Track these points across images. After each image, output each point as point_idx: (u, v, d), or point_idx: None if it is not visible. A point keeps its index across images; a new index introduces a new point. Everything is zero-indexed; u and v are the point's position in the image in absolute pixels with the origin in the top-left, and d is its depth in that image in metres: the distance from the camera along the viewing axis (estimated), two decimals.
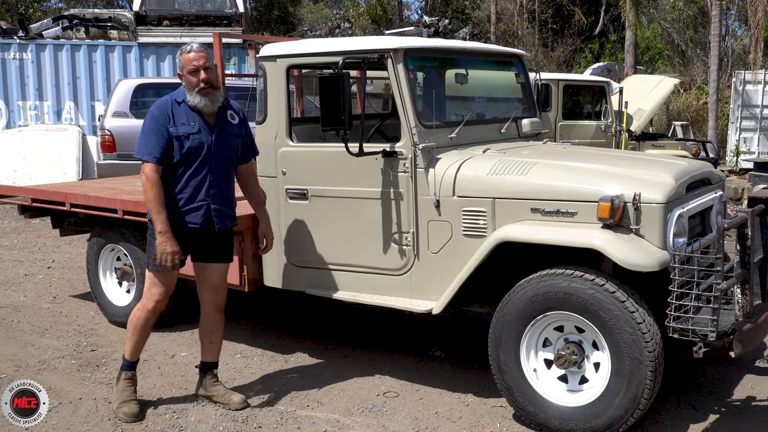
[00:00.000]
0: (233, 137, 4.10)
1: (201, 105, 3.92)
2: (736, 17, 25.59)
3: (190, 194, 3.98)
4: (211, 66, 3.94)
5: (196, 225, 4.01)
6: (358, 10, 27.92)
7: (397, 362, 4.90)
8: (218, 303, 4.25)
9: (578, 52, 25.65)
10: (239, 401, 4.25)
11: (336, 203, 4.49)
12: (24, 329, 5.77)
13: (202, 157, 3.96)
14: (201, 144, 3.95)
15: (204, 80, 3.88)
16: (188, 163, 3.95)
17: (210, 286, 4.21)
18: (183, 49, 3.97)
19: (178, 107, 3.96)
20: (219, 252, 4.17)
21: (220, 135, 4.02)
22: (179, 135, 3.91)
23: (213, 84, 3.92)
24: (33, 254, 8.53)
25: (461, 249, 4.09)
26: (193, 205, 3.99)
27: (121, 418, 4.09)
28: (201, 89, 3.89)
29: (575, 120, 10.85)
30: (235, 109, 4.15)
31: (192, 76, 3.89)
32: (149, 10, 14.48)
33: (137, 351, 4.23)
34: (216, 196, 4.03)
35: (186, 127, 3.92)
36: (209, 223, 4.04)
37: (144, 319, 4.15)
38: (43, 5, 28.74)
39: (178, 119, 3.92)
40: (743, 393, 4.36)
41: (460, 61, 5.02)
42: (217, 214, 4.05)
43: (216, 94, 3.95)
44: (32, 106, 13.85)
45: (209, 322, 4.27)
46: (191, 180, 3.97)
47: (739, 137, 15.32)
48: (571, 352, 3.76)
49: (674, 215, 3.69)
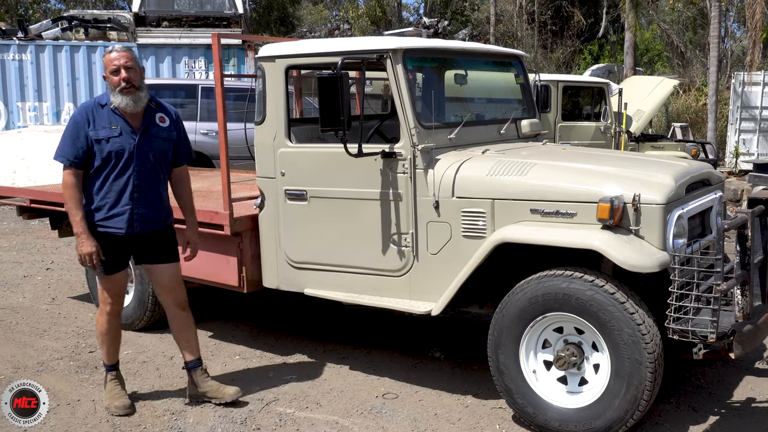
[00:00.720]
0: (160, 140, 4.03)
1: (123, 105, 3.89)
2: (735, 19, 25.61)
3: (114, 199, 3.95)
4: (133, 66, 3.92)
5: (120, 230, 3.97)
6: (358, 11, 27.93)
7: (397, 363, 4.89)
8: (179, 302, 4.27)
9: (577, 53, 25.68)
10: (233, 393, 4.30)
11: (335, 204, 4.48)
12: (22, 330, 5.76)
13: (124, 160, 3.91)
14: (122, 148, 3.91)
15: (125, 79, 3.85)
16: (111, 167, 3.92)
17: (164, 288, 4.22)
18: (106, 49, 4.02)
19: (100, 110, 3.94)
20: (161, 253, 4.16)
21: (144, 138, 3.97)
22: (99, 138, 3.88)
23: (134, 84, 3.89)
24: (32, 255, 8.52)
25: (460, 250, 4.08)
26: (117, 210, 3.95)
27: (114, 412, 4.17)
28: (122, 89, 3.87)
29: (575, 121, 10.85)
30: (167, 112, 4.11)
31: (113, 76, 3.88)
32: (148, 11, 14.49)
33: (113, 354, 4.28)
34: (140, 200, 3.98)
35: (107, 130, 3.90)
36: (132, 229, 3.99)
37: (107, 323, 4.19)
38: (43, 6, 28.72)
39: (98, 123, 3.91)
40: (743, 394, 4.35)
41: (460, 61, 5.01)
42: (140, 219, 4.00)
43: (138, 94, 3.91)
44: (31, 107, 13.86)
45: (177, 321, 4.31)
46: (114, 184, 3.93)
47: (738, 138, 15.33)
48: (571, 353, 3.75)
49: (674, 216, 3.69)
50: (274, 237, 4.74)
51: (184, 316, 4.31)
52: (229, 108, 5.03)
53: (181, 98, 10.93)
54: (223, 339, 5.48)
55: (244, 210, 4.90)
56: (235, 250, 4.83)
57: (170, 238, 4.24)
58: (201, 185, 6.45)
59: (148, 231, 4.07)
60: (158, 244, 4.15)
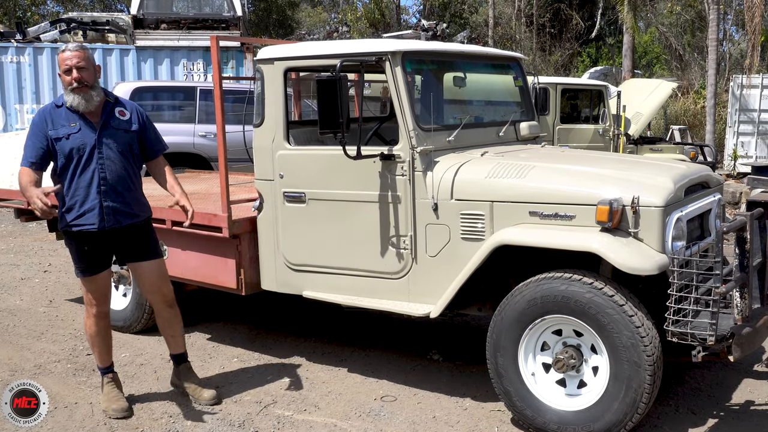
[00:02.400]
0: (122, 132, 4.03)
1: (75, 104, 3.91)
2: (733, 21, 25.66)
3: (83, 195, 3.95)
4: (86, 66, 3.92)
5: (92, 226, 3.95)
6: (356, 14, 27.95)
7: (395, 366, 4.89)
8: (166, 299, 4.28)
9: (576, 56, 25.71)
10: (209, 397, 4.33)
11: (334, 206, 4.47)
12: (20, 333, 5.74)
13: (87, 155, 3.92)
14: (83, 143, 3.92)
15: (76, 79, 3.87)
16: (74, 163, 3.92)
17: (150, 285, 4.23)
18: (60, 48, 4.01)
19: (57, 111, 3.97)
20: (142, 249, 4.16)
21: (104, 131, 3.97)
22: (59, 137, 3.90)
23: (86, 83, 3.90)
24: (29, 258, 8.51)
25: (459, 252, 4.08)
26: (87, 206, 3.95)
27: (111, 415, 4.16)
28: (74, 88, 3.88)
29: (573, 124, 10.85)
30: (126, 106, 4.12)
31: (66, 75, 3.91)
32: (147, 13, 14.48)
33: (105, 356, 4.28)
34: (108, 192, 3.96)
35: (66, 128, 3.92)
36: (104, 223, 3.97)
37: (94, 325, 4.20)
38: (41, 9, 28.73)
39: (57, 122, 3.93)
40: (742, 397, 4.35)
41: (458, 64, 5.01)
42: (111, 212, 3.97)
43: (90, 93, 3.92)
44: (29, 109, 13.83)
45: (164, 318, 4.34)
46: (80, 180, 3.94)
47: (736, 141, 15.34)
48: (570, 356, 3.75)
49: (673, 219, 3.68)
50: (272, 239, 4.73)
51: (172, 313, 4.33)
52: (228, 110, 5.03)
53: (180, 100, 10.91)
54: (221, 341, 5.47)
55: (243, 212, 4.90)
56: (233, 253, 4.83)
57: (149, 234, 4.22)
58: (199, 187, 6.44)
59: (122, 225, 4.03)
60: (137, 241, 4.13)
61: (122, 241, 4.09)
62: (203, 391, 4.37)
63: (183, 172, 8.18)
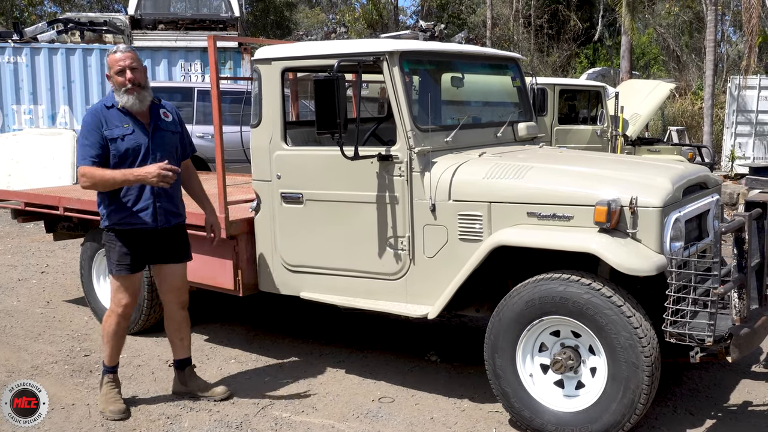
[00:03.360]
0: (169, 134, 4.14)
1: (129, 104, 3.96)
2: (731, 23, 25.70)
3: (135, 195, 4.01)
4: (138, 66, 3.99)
5: (145, 225, 4.04)
6: (354, 14, 27.95)
7: (393, 367, 4.88)
8: (182, 302, 4.33)
9: (574, 57, 25.72)
10: (222, 392, 4.37)
11: (331, 207, 4.46)
12: (17, 334, 5.73)
13: (141, 156, 3.99)
14: (138, 144, 3.99)
15: (130, 80, 3.93)
16: (128, 164, 3.97)
17: (171, 287, 4.27)
18: (109, 50, 4.04)
19: (108, 111, 4.00)
20: (174, 252, 4.21)
21: (156, 133, 4.07)
22: (114, 137, 3.95)
23: (140, 83, 3.97)
24: (26, 259, 8.49)
25: (457, 253, 4.07)
26: (141, 205, 4.02)
27: (108, 416, 4.15)
28: (128, 89, 3.94)
29: (571, 125, 10.85)
30: (167, 108, 4.20)
31: (119, 76, 3.95)
32: (144, 14, 14.47)
33: (115, 356, 4.28)
34: (160, 194, 4.06)
35: (120, 129, 3.97)
36: (157, 222, 4.07)
37: (116, 324, 4.19)
38: (38, 9, 28.70)
39: (111, 122, 3.96)
40: (740, 398, 4.35)
41: (456, 64, 5.01)
42: (163, 212, 4.08)
43: (143, 93, 3.99)
44: (27, 110, 13.81)
45: (176, 321, 4.36)
46: None
47: (734, 142, 15.35)
48: (568, 357, 3.74)
49: (671, 219, 3.68)
50: (270, 240, 4.72)
51: (184, 316, 4.37)
52: (225, 111, 5.03)
53: (177, 101, 10.89)
54: (219, 342, 5.46)
55: (240, 213, 4.89)
56: (230, 254, 4.82)
57: (185, 236, 4.32)
58: None
59: (171, 225, 4.14)
60: (177, 242, 4.22)
61: (164, 242, 4.14)
62: (215, 388, 4.41)
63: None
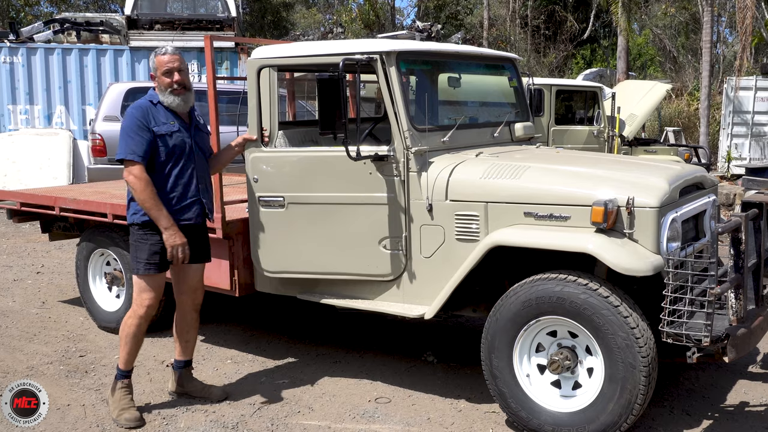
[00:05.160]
0: (206, 135, 4.29)
1: (174, 105, 4.04)
2: (727, 24, 25.74)
3: (181, 192, 4.07)
4: (184, 68, 4.07)
5: (190, 221, 4.11)
6: (351, 15, 27.93)
7: (390, 367, 4.87)
8: (197, 303, 4.35)
9: (570, 57, 25.75)
10: (219, 394, 4.38)
11: (320, 210, 4.38)
12: (12, 335, 5.71)
13: (186, 154, 4.08)
14: (183, 141, 4.07)
15: (177, 82, 4.02)
16: (174, 160, 4.04)
17: (190, 287, 4.28)
18: (158, 51, 4.09)
19: (155, 108, 4.05)
20: (199, 251, 4.23)
21: (196, 133, 4.19)
22: (162, 133, 4.00)
23: (186, 85, 4.06)
24: (22, 259, 8.47)
25: (454, 253, 4.06)
26: (186, 201, 4.09)
27: (123, 424, 4.07)
28: (174, 90, 4.02)
29: (568, 125, 10.86)
30: (197, 110, 4.28)
31: (166, 77, 4.02)
32: (141, 14, 14.44)
33: (131, 359, 4.22)
34: (204, 191, 4.17)
35: (167, 125, 4.03)
36: (202, 218, 4.17)
37: (136, 326, 4.15)
38: (35, 9, 28.63)
39: (158, 119, 4.02)
40: (736, 398, 4.35)
41: (453, 64, 5.00)
42: (205, 208, 4.19)
43: (188, 95, 4.08)
44: (23, 110, 13.77)
45: (187, 322, 4.36)
46: (180, 177, 4.07)
47: (730, 143, 15.38)
48: (565, 357, 3.74)
49: (668, 219, 3.68)
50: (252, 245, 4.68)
51: (195, 318, 4.38)
52: (222, 111, 5.00)
53: None
54: (215, 342, 5.45)
55: (237, 213, 4.88)
56: (227, 254, 4.80)
57: (208, 237, 4.37)
58: None
59: (209, 220, 4.30)
60: (204, 240, 4.28)
61: (193, 240, 4.15)
62: (212, 388, 4.43)
63: None
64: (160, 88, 4.05)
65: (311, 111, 9.58)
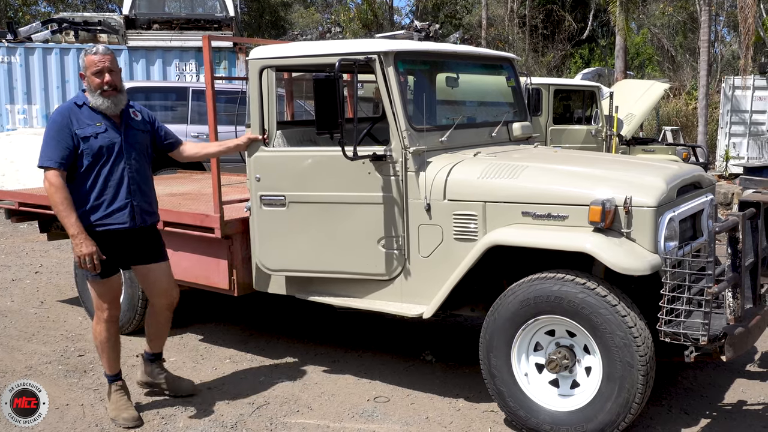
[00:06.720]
0: (140, 133, 4.08)
1: (104, 107, 3.90)
2: (725, 23, 25.77)
3: (112, 194, 3.93)
4: (115, 69, 3.94)
5: (123, 225, 3.96)
6: (349, 14, 27.93)
7: (388, 367, 4.88)
8: (171, 303, 4.28)
9: (568, 57, 25.76)
10: (188, 387, 4.37)
11: (320, 209, 4.41)
12: (11, 334, 5.71)
13: (116, 154, 3.93)
14: (111, 142, 3.92)
15: (108, 83, 3.87)
16: (103, 162, 3.90)
17: (161, 290, 4.22)
18: (87, 50, 3.95)
19: (79, 110, 3.93)
20: (153, 251, 4.16)
21: (128, 132, 4.01)
22: (86, 135, 3.87)
23: (117, 87, 3.92)
24: (20, 259, 8.46)
25: (452, 253, 4.07)
26: (117, 204, 3.94)
27: (121, 424, 4.06)
28: (104, 91, 3.88)
29: (566, 125, 10.87)
30: (136, 108, 4.15)
31: (96, 77, 3.88)
32: (139, 13, 14.44)
33: (115, 363, 4.20)
34: (136, 192, 3.99)
35: (92, 127, 3.90)
36: (134, 222, 4.00)
37: (105, 330, 4.11)
38: (33, 9, 28.60)
39: (81, 121, 3.89)
40: (734, 397, 4.36)
41: (451, 64, 5.01)
42: (140, 212, 4.02)
43: (119, 96, 3.94)
44: (21, 109, 13.77)
45: (160, 321, 4.33)
46: (110, 179, 3.92)
47: (728, 142, 15.39)
48: (563, 356, 3.75)
49: (665, 219, 3.68)
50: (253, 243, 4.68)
51: (168, 317, 4.33)
52: (220, 111, 5.00)
53: (172, 101, 10.87)
54: (214, 342, 5.45)
55: (235, 213, 4.88)
56: (225, 253, 4.81)
57: (159, 235, 4.26)
58: (191, 188, 6.42)
59: (147, 224, 4.09)
60: (152, 242, 4.17)
61: (139, 242, 4.09)
62: (182, 381, 4.39)
63: (175, 173, 8.15)
64: (89, 88, 3.90)
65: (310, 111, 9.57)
